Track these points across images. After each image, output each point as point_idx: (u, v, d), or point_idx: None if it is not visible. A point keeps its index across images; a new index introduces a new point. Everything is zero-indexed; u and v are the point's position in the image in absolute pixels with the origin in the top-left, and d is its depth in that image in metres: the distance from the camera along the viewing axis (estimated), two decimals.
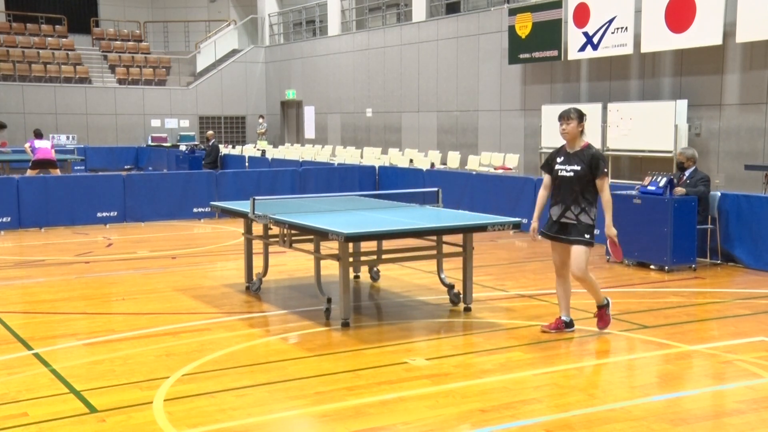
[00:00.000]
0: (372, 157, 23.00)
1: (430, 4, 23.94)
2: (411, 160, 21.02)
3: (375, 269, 9.42)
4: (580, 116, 6.92)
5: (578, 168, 6.83)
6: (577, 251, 6.84)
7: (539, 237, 7.16)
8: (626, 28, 16.95)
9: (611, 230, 7.00)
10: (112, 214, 14.68)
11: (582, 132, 6.95)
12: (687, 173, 10.39)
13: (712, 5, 15.14)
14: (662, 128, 15.97)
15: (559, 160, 6.97)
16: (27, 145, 19.15)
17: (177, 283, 9.40)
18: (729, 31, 14.99)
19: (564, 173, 6.91)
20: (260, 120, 31.38)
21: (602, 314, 7.12)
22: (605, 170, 6.87)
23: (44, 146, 18.27)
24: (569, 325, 7.11)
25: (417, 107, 23.94)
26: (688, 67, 16.26)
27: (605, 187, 6.87)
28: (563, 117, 6.94)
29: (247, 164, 21.19)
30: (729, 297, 8.78)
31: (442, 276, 8.33)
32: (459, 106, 22.26)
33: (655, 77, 16.95)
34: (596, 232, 7.17)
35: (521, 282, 9.46)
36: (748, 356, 6.41)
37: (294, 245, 8.28)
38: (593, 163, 6.81)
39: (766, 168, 14.20)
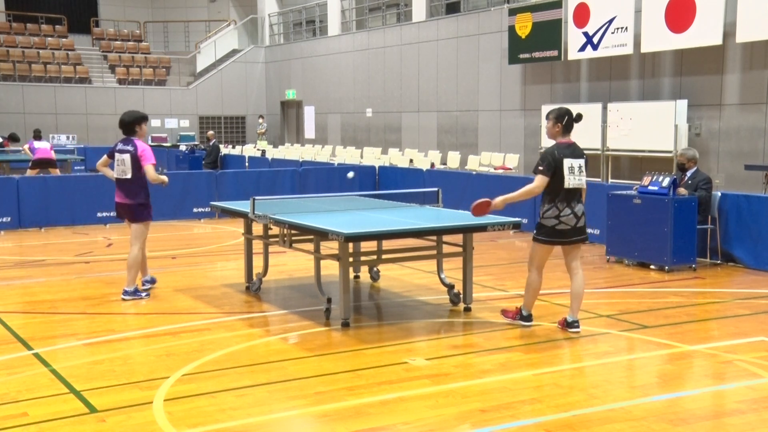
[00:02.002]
0: (372, 157, 23.00)
1: (430, 4, 23.94)
2: (411, 160, 21.02)
3: (375, 269, 9.41)
4: (555, 117, 6.97)
5: None
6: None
7: None
8: (626, 28, 16.96)
9: (499, 200, 6.91)
10: (112, 214, 14.53)
11: (560, 131, 6.96)
12: (688, 174, 10.39)
13: (712, 5, 15.14)
14: (662, 128, 15.98)
15: None
16: (26, 146, 19.15)
17: (177, 283, 9.40)
18: (729, 31, 14.99)
19: None
20: (260, 120, 31.39)
21: (515, 311, 7.39)
22: (540, 168, 6.86)
23: (43, 146, 18.31)
24: (571, 325, 7.11)
25: (417, 107, 23.94)
26: (688, 67, 16.26)
27: (534, 180, 6.89)
28: (546, 117, 7.20)
29: (247, 164, 21.18)
30: (729, 297, 8.78)
31: (442, 276, 8.33)
32: (459, 106, 22.25)
33: (655, 77, 16.95)
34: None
35: (521, 282, 9.40)
36: (748, 356, 6.41)
37: (294, 245, 8.28)
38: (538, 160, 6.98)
39: (766, 168, 14.20)
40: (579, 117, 7.04)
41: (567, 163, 6.82)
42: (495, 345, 6.81)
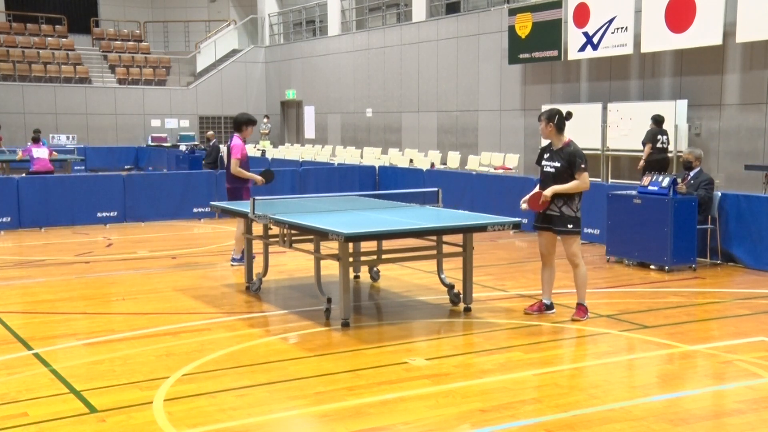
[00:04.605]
0: (372, 157, 23.00)
1: (430, 4, 23.93)
2: (411, 160, 21.02)
3: (375, 269, 9.42)
4: (548, 117, 7.42)
5: (558, 164, 7.41)
6: (566, 241, 7.45)
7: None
8: (626, 28, 16.95)
9: (548, 192, 7.35)
10: (112, 214, 14.68)
11: (557, 131, 7.41)
12: (692, 173, 10.40)
13: (712, 5, 15.14)
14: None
15: (545, 156, 7.58)
16: (20, 151, 18.79)
17: (177, 283, 9.40)
18: (729, 31, 14.99)
19: (547, 168, 7.51)
20: (265, 120, 31.31)
21: (580, 309, 7.62)
22: (582, 166, 7.32)
23: (42, 155, 17.85)
24: (549, 307, 7.75)
25: (417, 107, 23.94)
26: (688, 67, 16.26)
27: (581, 178, 7.33)
28: (538, 119, 7.57)
29: None
30: (729, 297, 8.78)
31: (442, 276, 8.32)
32: (459, 106, 22.25)
33: (655, 77, 16.95)
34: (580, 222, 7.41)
35: (521, 282, 9.45)
36: (748, 356, 6.41)
37: (294, 245, 8.28)
38: (571, 160, 7.34)
39: (766, 168, 14.20)
40: (569, 115, 7.49)
41: None
42: (495, 345, 6.82)
